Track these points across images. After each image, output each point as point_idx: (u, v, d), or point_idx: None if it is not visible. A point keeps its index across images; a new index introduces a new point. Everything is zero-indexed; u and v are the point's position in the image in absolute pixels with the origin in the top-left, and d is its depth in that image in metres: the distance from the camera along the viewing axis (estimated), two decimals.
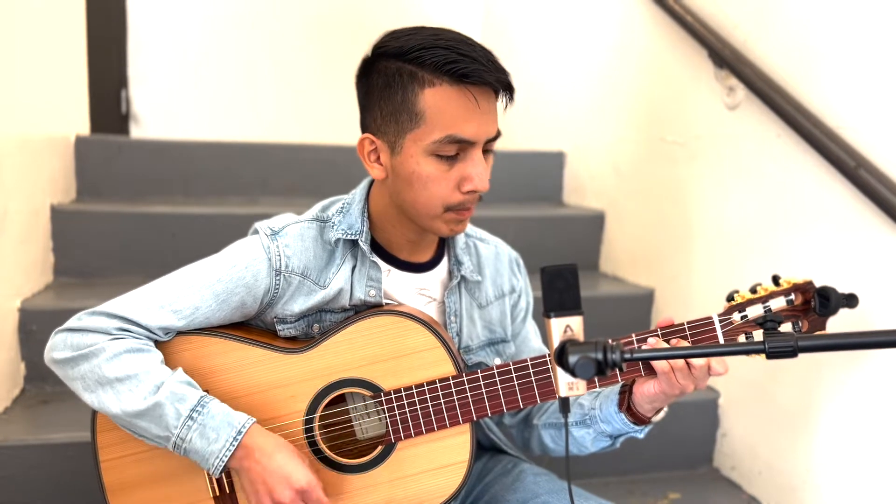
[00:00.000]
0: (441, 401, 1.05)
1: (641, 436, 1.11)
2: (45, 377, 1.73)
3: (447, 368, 1.06)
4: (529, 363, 1.05)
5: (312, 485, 0.99)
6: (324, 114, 3.46)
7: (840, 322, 1.05)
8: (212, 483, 1.05)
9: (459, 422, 1.06)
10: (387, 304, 1.11)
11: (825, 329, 1.03)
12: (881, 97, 1.40)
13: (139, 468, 1.05)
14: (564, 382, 0.80)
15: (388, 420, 1.06)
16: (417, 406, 1.05)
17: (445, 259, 1.18)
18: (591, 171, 2.54)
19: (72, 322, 1.03)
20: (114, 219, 2.05)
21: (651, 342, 1.01)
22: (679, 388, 1.00)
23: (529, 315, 1.28)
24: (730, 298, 1.04)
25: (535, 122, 2.98)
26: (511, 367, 1.05)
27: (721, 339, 1.02)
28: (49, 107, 2.07)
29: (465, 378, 1.05)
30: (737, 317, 1.02)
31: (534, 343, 1.27)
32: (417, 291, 1.15)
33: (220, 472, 0.98)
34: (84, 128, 2.45)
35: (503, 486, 1.19)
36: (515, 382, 1.05)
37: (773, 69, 1.66)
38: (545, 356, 1.05)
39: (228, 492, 1.05)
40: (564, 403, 0.82)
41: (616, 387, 1.10)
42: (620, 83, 2.34)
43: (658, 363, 0.99)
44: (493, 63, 1.01)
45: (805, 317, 1.02)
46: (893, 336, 0.69)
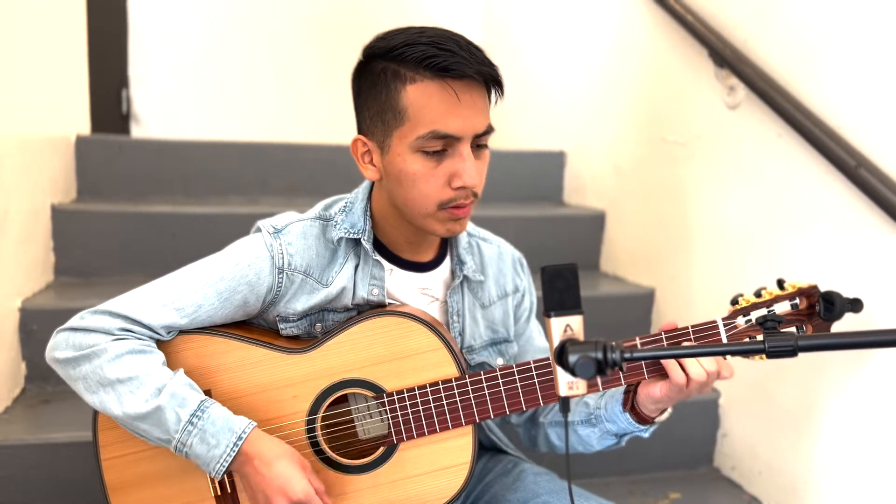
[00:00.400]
0: (444, 402, 1.05)
1: (647, 435, 1.11)
2: (46, 377, 1.73)
3: (450, 370, 1.06)
4: (532, 365, 1.05)
5: (310, 495, 0.98)
6: (324, 113, 3.46)
7: (841, 321, 1.05)
8: (213, 482, 1.05)
9: (462, 423, 1.05)
10: (390, 305, 1.11)
11: None
12: (882, 97, 1.40)
13: (140, 467, 1.05)
14: (564, 382, 0.80)
15: (391, 421, 1.06)
16: (420, 407, 1.05)
17: (448, 259, 1.18)
18: (592, 171, 2.54)
19: (74, 321, 1.02)
20: (114, 218, 2.05)
21: None
22: (687, 395, 1.01)
23: (533, 314, 1.28)
24: (734, 302, 1.03)
25: (536, 122, 2.98)
26: (514, 369, 1.05)
27: (725, 342, 1.02)
28: (49, 106, 2.07)
29: (468, 380, 1.05)
30: (741, 321, 1.02)
31: (538, 342, 1.27)
32: (420, 291, 1.15)
33: (222, 476, 0.99)
34: (85, 127, 2.45)
35: (503, 486, 1.19)
36: (518, 384, 1.05)
37: (774, 69, 1.66)
38: (548, 358, 1.05)
39: (230, 491, 1.05)
40: (565, 403, 0.83)
41: (621, 387, 1.10)
42: (621, 83, 2.34)
43: (676, 375, 0.99)
44: (476, 56, 0.99)
45: (809, 321, 1.02)
46: (894, 335, 0.69)
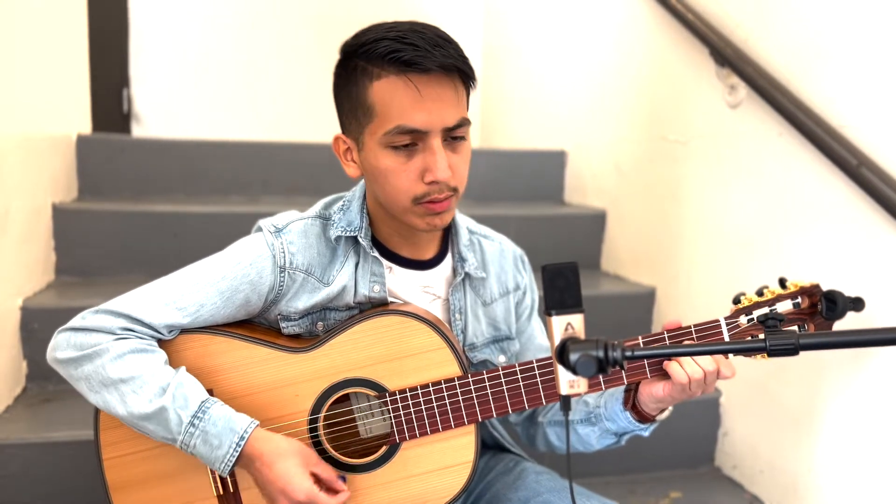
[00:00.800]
0: (446, 401, 1.05)
1: (647, 434, 1.11)
2: (47, 376, 1.73)
3: (452, 369, 1.06)
4: (535, 364, 1.05)
5: (312, 495, 0.97)
6: (325, 113, 3.46)
7: (843, 320, 1.05)
8: (215, 481, 1.05)
9: (464, 422, 1.05)
10: (392, 304, 1.11)
11: None
12: (883, 95, 1.40)
13: (142, 466, 1.05)
14: (566, 380, 0.80)
15: (393, 420, 1.06)
16: (422, 406, 1.05)
17: (449, 256, 1.18)
18: (593, 170, 2.54)
19: (75, 321, 1.02)
20: (115, 218, 2.06)
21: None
22: (690, 395, 1.01)
23: (535, 312, 1.28)
24: (736, 301, 1.03)
25: (536, 122, 2.98)
26: (516, 368, 1.05)
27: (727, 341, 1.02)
28: (51, 106, 2.07)
29: (471, 379, 1.05)
30: (743, 320, 1.02)
31: (539, 340, 1.27)
32: (422, 289, 1.15)
33: (228, 473, 0.99)
34: (86, 127, 2.45)
35: (505, 485, 1.19)
36: (521, 384, 1.05)
37: (775, 67, 1.66)
38: (551, 358, 1.05)
39: (232, 490, 1.05)
40: (566, 402, 0.83)
41: (622, 385, 1.10)
42: (621, 82, 2.34)
43: (677, 374, 0.99)
44: (440, 48, 0.97)
45: (811, 320, 1.02)
46: (894, 334, 0.69)
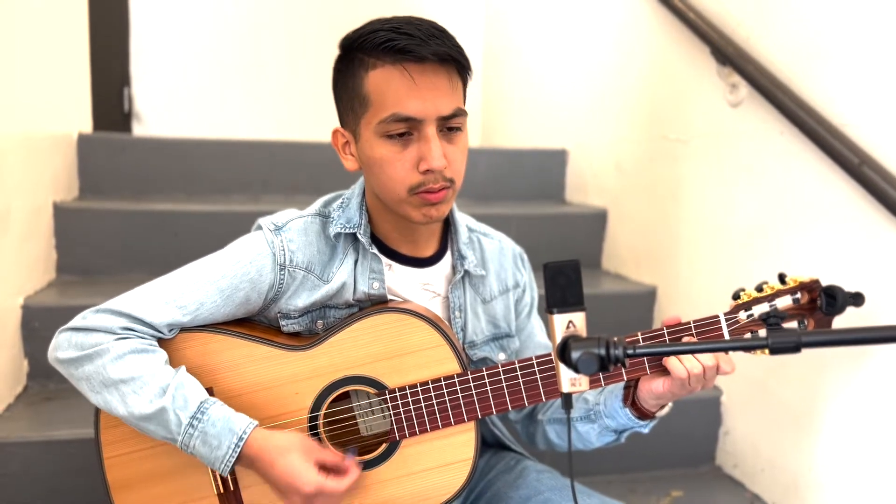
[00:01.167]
0: (446, 399, 1.05)
1: (646, 430, 1.11)
2: (48, 374, 1.73)
3: (452, 366, 1.06)
4: (535, 361, 1.05)
5: (320, 485, 0.97)
6: (325, 112, 3.46)
7: (843, 318, 1.05)
8: (215, 480, 1.05)
9: (464, 420, 1.05)
10: (391, 301, 1.11)
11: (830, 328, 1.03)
12: (885, 94, 1.39)
13: (143, 465, 1.05)
14: (567, 378, 0.80)
15: (393, 418, 1.06)
16: (422, 404, 1.05)
17: (449, 254, 1.18)
18: (594, 169, 2.54)
19: (76, 321, 1.02)
20: (116, 216, 2.06)
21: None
22: (689, 390, 1.01)
23: (534, 310, 1.28)
24: (736, 297, 1.03)
25: (537, 120, 2.98)
26: (516, 365, 1.05)
27: (727, 338, 1.02)
28: (52, 105, 2.08)
29: (471, 376, 1.05)
30: (743, 315, 1.02)
31: (539, 338, 1.26)
32: (421, 287, 1.15)
33: (229, 472, 0.99)
34: (87, 126, 2.45)
35: (506, 483, 1.19)
36: (521, 381, 1.05)
37: (776, 66, 1.65)
38: (550, 355, 1.05)
39: (232, 489, 1.05)
40: (567, 399, 0.82)
41: (621, 382, 1.10)
42: (622, 81, 2.34)
43: (676, 370, 0.99)
44: (435, 38, 0.98)
45: (811, 315, 1.02)
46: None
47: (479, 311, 1.19)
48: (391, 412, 1.06)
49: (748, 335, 1.03)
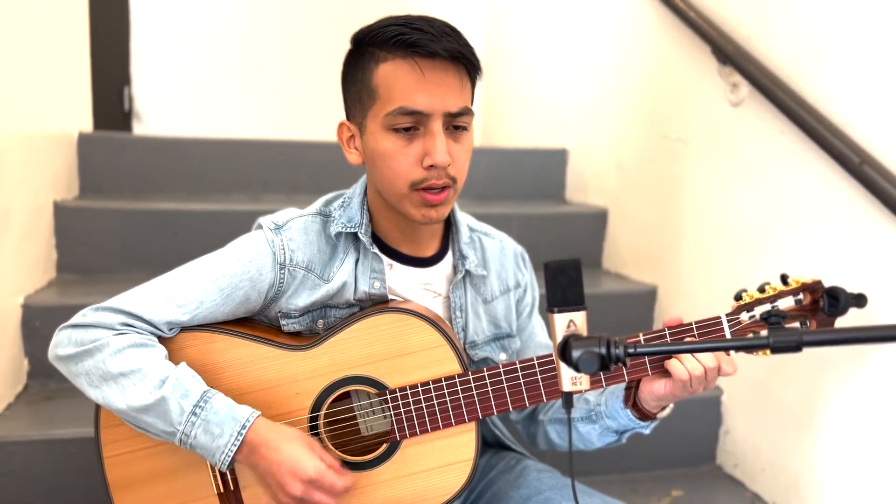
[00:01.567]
0: (447, 399, 1.05)
1: (647, 431, 1.11)
2: (49, 373, 1.73)
3: (452, 366, 1.06)
4: (536, 362, 1.05)
5: (321, 471, 0.96)
6: (326, 111, 3.47)
7: (844, 318, 1.04)
8: (216, 479, 1.05)
9: (465, 420, 1.05)
10: (392, 301, 1.11)
11: None
12: (886, 93, 1.39)
13: (143, 464, 1.05)
14: (568, 377, 0.80)
15: (394, 418, 1.06)
16: (423, 404, 1.05)
17: (450, 253, 1.18)
18: (594, 169, 2.54)
19: (76, 318, 1.02)
20: (116, 216, 2.06)
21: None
22: (691, 392, 1.01)
23: (535, 310, 1.28)
24: (738, 297, 1.03)
25: (538, 120, 2.98)
26: (517, 366, 1.05)
27: (729, 338, 1.02)
28: (52, 104, 2.08)
29: (471, 377, 1.05)
30: (745, 316, 1.02)
31: (540, 338, 1.26)
32: (422, 286, 1.14)
33: (228, 467, 0.98)
34: (87, 125, 2.45)
35: (506, 483, 1.19)
36: (521, 381, 1.05)
37: (777, 65, 1.65)
38: (551, 355, 1.04)
39: (233, 488, 1.05)
40: (568, 399, 0.82)
41: (622, 383, 1.10)
42: (623, 80, 2.34)
43: (677, 371, 0.99)
44: (447, 35, 0.99)
45: (813, 316, 1.02)
46: None
47: (481, 311, 1.19)
48: (392, 412, 1.06)
49: (750, 336, 1.02)
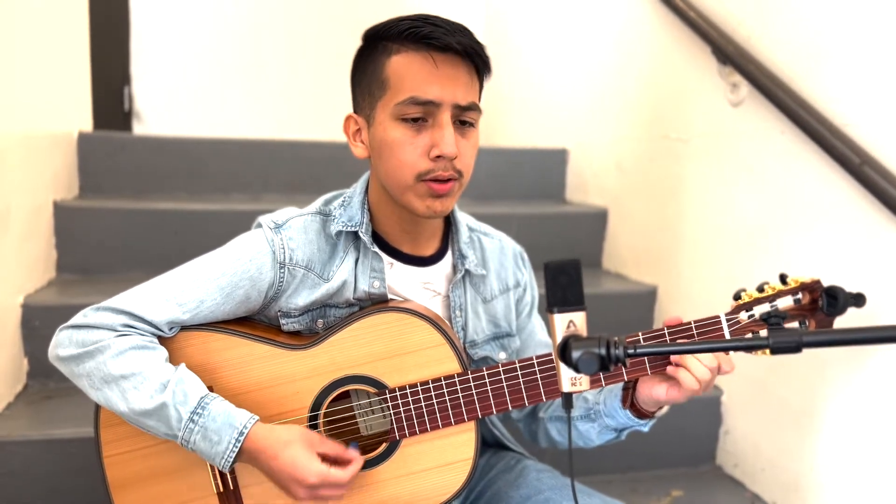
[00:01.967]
0: (446, 398, 1.05)
1: (646, 429, 1.12)
2: (48, 373, 1.73)
3: (452, 366, 1.06)
4: (535, 361, 1.05)
5: (323, 475, 0.97)
6: (326, 110, 3.47)
7: (844, 319, 1.04)
8: (215, 478, 1.05)
9: (465, 419, 1.05)
10: (392, 301, 1.11)
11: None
12: (885, 94, 1.39)
13: (143, 464, 1.05)
14: (567, 378, 0.80)
15: (393, 417, 1.06)
16: (423, 403, 1.05)
17: (450, 253, 1.18)
18: (594, 169, 2.54)
19: (76, 319, 1.02)
20: (116, 215, 2.06)
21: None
22: (690, 396, 1.01)
23: (535, 309, 1.28)
24: (737, 297, 1.03)
25: (538, 120, 2.98)
26: (516, 365, 1.05)
27: (728, 338, 1.02)
28: (52, 103, 2.07)
29: (471, 376, 1.05)
30: (744, 316, 1.02)
31: (540, 337, 1.27)
32: (422, 286, 1.14)
33: (230, 468, 0.98)
34: (87, 124, 2.45)
35: (506, 483, 1.19)
36: (521, 380, 1.05)
37: (777, 65, 1.65)
38: (551, 354, 1.05)
39: (232, 488, 1.05)
40: (567, 399, 0.82)
41: (620, 383, 1.10)
42: (623, 80, 2.33)
43: (687, 382, 0.99)
44: (460, 30, 1.02)
45: (812, 316, 1.02)
46: None
47: (480, 311, 1.19)
48: (391, 412, 1.06)
49: (749, 335, 1.02)
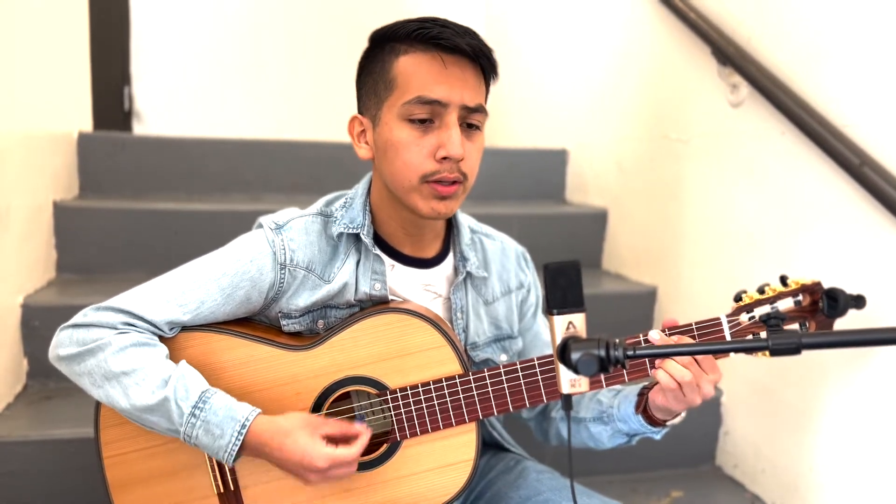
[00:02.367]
0: (447, 400, 1.05)
1: (658, 437, 1.11)
2: (48, 373, 1.73)
3: (453, 367, 1.06)
4: (536, 362, 1.05)
5: (331, 458, 0.96)
6: (326, 110, 3.47)
7: (844, 319, 1.04)
8: (216, 479, 1.05)
9: (465, 421, 1.05)
10: (393, 302, 1.11)
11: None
12: (886, 94, 1.39)
13: (143, 464, 1.05)
14: (567, 379, 0.80)
15: (394, 418, 1.06)
16: (423, 404, 1.05)
17: (451, 255, 1.18)
18: (594, 169, 2.54)
19: (77, 318, 1.02)
20: (116, 215, 2.06)
21: (654, 338, 1.00)
22: (686, 403, 1.00)
23: (540, 309, 1.28)
24: (737, 299, 1.03)
25: (538, 120, 2.98)
26: (517, 366, 1.05)
27: (728, 340, 1.02)
28: (52, 103, 2.07)
29: (472, 377, 1.05)
30: (744, 317, 1.02)
31: (545, 337, 1.27)
32: (423, 287, 1.14)
33: (234, 462, 0.98)
34: (87, 124, 2.45)
35: (506, 484, 1.19)
36: (522, 382, 1.05)
37: (777, 66, 1.65)
38: (551, 355, 1.05)
39: (233, 488, 1.05)
40: (567, 400, 0.82)
41: (635, 388, 1.10)
42: (623, 80, 2.33)
43: (665, 381, 0.97)
44: (469, 32, 1.02)
45: (813, 318, 1.02)
46: None
47: (482, 313, 1.19)
48: (392, 413, 1.06)
49: (749, 337, 1.02)
